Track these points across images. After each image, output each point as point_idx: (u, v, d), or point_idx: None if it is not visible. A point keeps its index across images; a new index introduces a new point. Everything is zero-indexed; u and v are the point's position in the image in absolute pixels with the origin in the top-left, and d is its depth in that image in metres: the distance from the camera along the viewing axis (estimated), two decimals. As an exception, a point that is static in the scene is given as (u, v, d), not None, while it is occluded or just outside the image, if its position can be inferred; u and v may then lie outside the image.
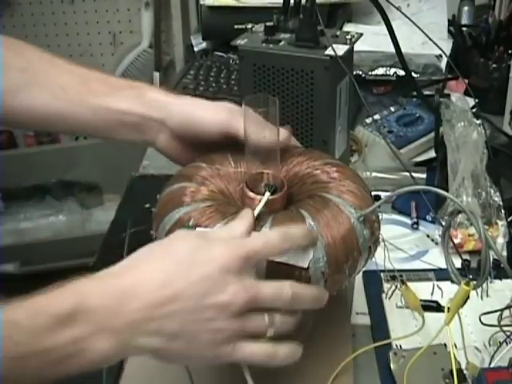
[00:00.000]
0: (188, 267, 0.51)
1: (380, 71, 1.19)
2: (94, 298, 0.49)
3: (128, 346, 0.50)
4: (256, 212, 0.58)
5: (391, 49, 0.91)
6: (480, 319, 0.68)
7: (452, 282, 0.72)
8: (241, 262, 0.52)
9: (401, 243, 0.83)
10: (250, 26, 0.84)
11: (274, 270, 0.56)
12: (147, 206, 0.76)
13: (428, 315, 0.68)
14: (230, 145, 0.68)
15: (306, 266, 0.56)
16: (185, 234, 0.55)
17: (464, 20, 1.39)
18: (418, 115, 1.08)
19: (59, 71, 0.71)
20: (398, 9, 0.90)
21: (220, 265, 0.51)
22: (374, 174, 0.96)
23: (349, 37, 0.80)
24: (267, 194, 0.61)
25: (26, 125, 0.76)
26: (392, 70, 1.18)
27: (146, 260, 0.52)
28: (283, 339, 0.56)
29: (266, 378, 0.64)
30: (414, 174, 0.80)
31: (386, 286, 0.74)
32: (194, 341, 0.51)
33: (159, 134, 0.71)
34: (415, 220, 0.89)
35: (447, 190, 0.83)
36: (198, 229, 0.58)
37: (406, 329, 0.69)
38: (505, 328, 0.67)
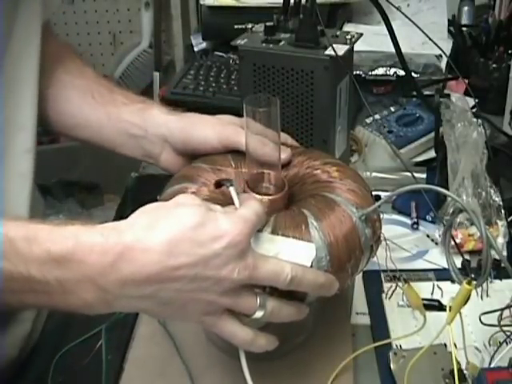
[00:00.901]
0: (194, 241, 0.50)
1: (380, 71, 1.19)
2: (91, 250, 0.50)
3: (114, 303, 0.51)
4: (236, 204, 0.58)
5: (391, 49, 0.91)
6: (480, 319, 0.68)
7: (452, 281, 0.73)
8: (246, 239, 0.52)
9: (401, 243, 0.83)
10: (250, 25, 0.84)
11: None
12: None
13: (428, 315, 0.68)
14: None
15: (308, 265, 0.56)
16: (192, 203, 0.53)
17: (464, 20, 1.39)
18: (417, 115, 1.08)
19: (97, 85, 0.79)
20: (398, 9, 0.90)
21: (226, 242, 0.51)
22: (374, 173, 0.96)
23: (349, 37, 0.80)
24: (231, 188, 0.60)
25: (58, 127, 0.82)
26: (392, 70, 1.18)
27: (151, 224, 0.51)
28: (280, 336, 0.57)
29: (265, 376, 0.64)
30: (414, 174, 0.80)
31: (386, 285, 0.74)
32: (183, 308, 0.53)
33: (162, 152, 0.74)
34: (415, 220, 0.89)
35: (447, 190, 0.83)
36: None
37: (406, 329, 0.69)
38: (505, 328, 0.67)
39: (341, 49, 0.76)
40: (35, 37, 0.71)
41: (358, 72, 1.17)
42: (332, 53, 0.75)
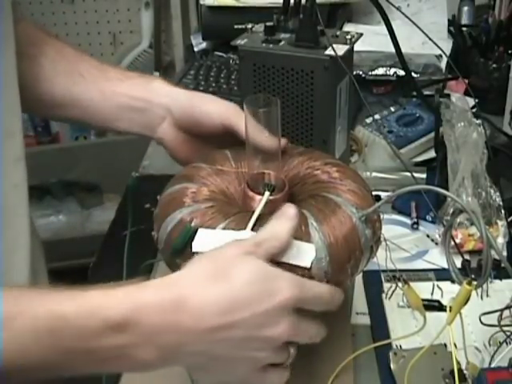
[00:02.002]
0: (252, 298, 0.50)
1: (380, 71, 1.19)
2: (148, 310, 0.49)
3: (170, 360, 0.51)
4: (257, 212, 0.58)
5: (391, 49, 0.91)
6: (480, 319, 0.68)
7: (452, 281, 0.73)
8: (299, 302, 0.52)
9: (401, 243, 0.83)
10: (250, 25, 0.84)
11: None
12: (147, 206, 0.77)
13: (428, 315, 0.68)
14: (228, 142, 0.69)
15: (308, 265, 0.56)
16: (248, 258, 0.52)
17: (464, 20, 1.39)
18: (417, 115, 1.09)
19: (80, 60, 0.75)
20: (398, 9, 0.90)
21: (281, 302, 0.51)
22: (374, 174, 0.96)
23: (349, 37, 0.80)
24: (267, 193, 0.61)
25: (47, 112, 0.78)
26: (392, 70, 1.18)
27: (208, 279, 0.51)
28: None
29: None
30: (414, 174, 0.80)
31: (386, 285, 0.74)
32: (232, 365, 0.52)
33: (162, 123, 0.72)
34: (415, 220, 0.89)
35: (447, 190, 0.83)
36: (199, 230, 0.58)
37: (406, 329, 0.69)
38: (505, 328, 0.67)
39: (341, 49, 0.76)
40: (10, 35, 0.68)
41: (357, 72, 1.17)
42: (332, 53, 0.75)
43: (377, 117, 1.08)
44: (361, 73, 1.18)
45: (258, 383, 0.55)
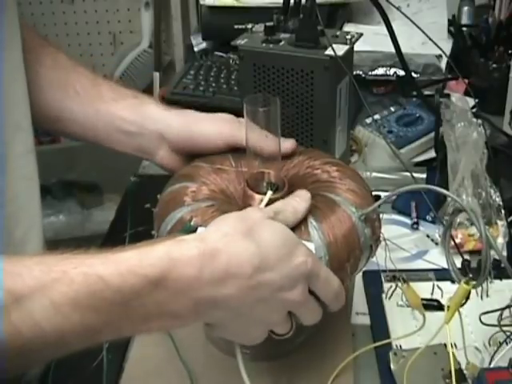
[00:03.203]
0: (279, 259, 0.52)
1: (380, 71, 1.19)
2: (185, 264, 0.49)
3: (202, 314, 0.52)
4: None
5: (391, 49, 0.91)
6: (480, 319, 0.68)
7: (452, 281, 0.73)
8: (313, 273, 0.54)
9: (401, 243, 0.83)
10: (250, 25, 0.84)
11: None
12: (147, 206, 0.76)
13: (428, 315, 0.68)
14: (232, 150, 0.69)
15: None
16: (272, 222, 0.55)
17: (464, 20, 1.39)
18: (418, 115, 1.09)
19: (74, 72, 0.75)
20: (398, 9, 0.90)
21: (300, 265, 0.53)
22: (374, 174, 0.96)
23: (349, 37, 0.80)
24: (269, 192, 0.61)
25: (42, 124, 0.77)
26: (392, 70, 1.18)
27: (238, 235, 0.52)
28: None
29: (265, 376, 0.64)
30: (414, 174, 0.80)
31: (386, 285, 0.74)
32: (250, 325, 0.54)
33: (159, 149, 0.72)
34: (415, 220, 0.89)
35: (447, 190, 0.83)
36: (199, 229, 0.58)
37: (406, 329, 0.69)
38: (505, 328, 0.67)
39: (341, 49, 0.76)
40: (17, 29, 0.68)
41: (358, 72, 1.17)
42: (332, 53, 0.75)
43: (377, 117, 1.08)
44: (361, 73, 1.18)
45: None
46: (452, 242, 0.78)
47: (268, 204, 0.60)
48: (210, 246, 0.50)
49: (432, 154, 1.01)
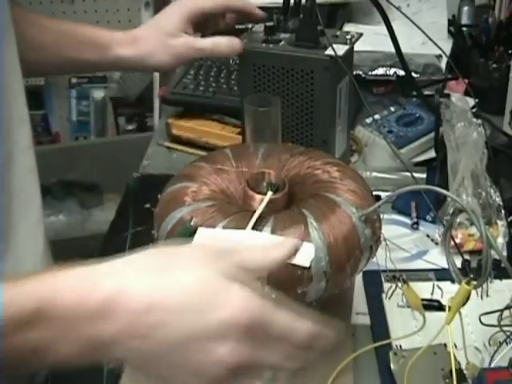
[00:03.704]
0: (189, 304, 0.44)
1: (380, 71, 1.19)
2: (64, 298, 0.43)
3: (98, 355, 0.45)
4: (258, 212, 0.58)
5: (391, 49, 0.91)
6: (480, 319, 0.68)
7: (452, 281, 0.73)
8: (252, 329, 0.44)
9: (401, 243, 0.83)
10: (250, 25, 0.84)
11: (276, 270, 0.56)
12: (147, 206, 0.77)
13: (428, 315, 0.68)
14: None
15: (307, 265, 0.56)
16: (201, 264, 0.46)
17: (464, 20, 1.39)
18: (418, 115, 1.08)
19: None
20: (398, 9, 0.90)
21: (225, 325, 0.43)
22: (374, 174, 0.96)
23: (349, 37, 0.80)
24: (269, 193, 0.61)
25: (33, 63, 0.80)
26: (392, 70, 1.18)
27: (151, 271, 0.45)
28: None
29: (265, 377, 0.64)
30: (414, 174, 0.80)
31: (386, 285, 0.74)
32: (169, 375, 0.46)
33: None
34: (415, 220, 0.89)
35: (447, 190, 0.83)
36: (199, 228, 0.58)
37: (406, 329, 0.69)
38: (505, 328, 0.67)
39: (341, 49, 0.76)
40: (10, 26, 0.69)
41: (358, 72, 1.17)
42: (332, 53, 0.75)
43: (377, 117, 1.08)
44: (361, 73, 1.18)
45: None
46: (452, 242, 0.78)
47: (268, 204, 0.60)
48: (94, 277, 0.44)
49: (432, 154, 1.01)
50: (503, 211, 0.84)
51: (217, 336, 0.43)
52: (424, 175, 0.95)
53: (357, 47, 0.81)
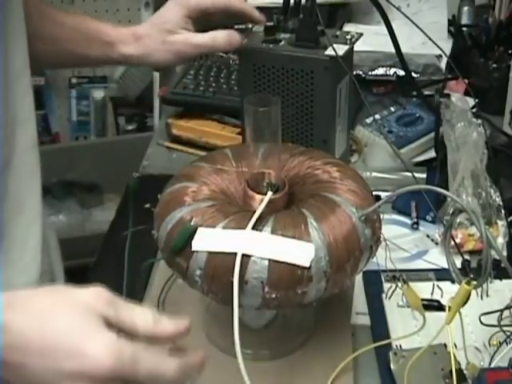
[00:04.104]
0: (44, 348, 0.44)
1: (380, 71, 1.19)
2: None
3: None
4: (258, 212, 0.58)
5: (391, 49, 0.91)
6: (480, 319, 0.68)
7: (452, 281, 0.73)
8: (114, 374, 0.44)
9: (401, 243, 0.83)
10: (250, 25, 0.84)
11: (276, 270, 0.56)
12: (147, 206, 0.77)
13: (428, 315, 0.68)
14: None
15: (307, 265, 0.56)
16: (81, 309, 0.46)
17: (464, 20, 1.39)
18: (418, 115, 1.08)
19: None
20: (398, 9, 0.90)
21: (83, 367, 0.44)
22: (374, 174, 0.96)
23: (349, 37, 0.80)
24: (269, 193, 0.61)
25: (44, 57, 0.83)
26: (392, 70, 1.18)
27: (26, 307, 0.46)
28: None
29: (265, 376, 0.64)
30: (414, 174, 0.80)
31: (386, 285, 0.74)
32: None
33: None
34: (415, 220, 0.89)
35: (447, 190, 0.83)
36: (199, 229, 0.58)
37: (406, 329, 0.69)
38: (505, 328, 0.67)
39: (341, 49, 0.76)
40: (22, 29, 0.70)
41: (357, 72, 1.17)
42: (332, 53, 0.75)
43: (377, 117, 1.08)
44: (361, 73, 1.18)
45: None
46: (452, 242, 0.78)
47: (268, 204, 0.60)
48: None
49: (432, 154, 1.01)
50: (503, 211, 0.84)
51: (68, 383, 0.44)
52: (424, 175, 0.95)
53: (357, 47, 0.81)
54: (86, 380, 0.44)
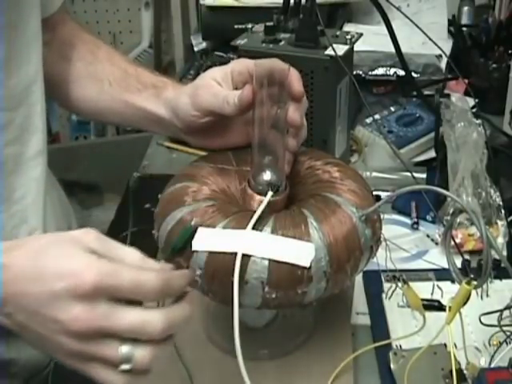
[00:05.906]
0: (41, 273, 0.48)
1: (380, 71, 1.19)
2: None
3: None
4: (258, 212, 0.58)
5: (391, 49, 0.91)
6: (480, 319, 0.68)
7: (452, 281, 0.73)
8: (104, 290, 0.47)
9: (401, 243, 0.83)
10: (250, 25, 0.84)
11: (276, 270, 0.56)
12: (147, 206, 0.77)
13: (428, 315, 0.68)
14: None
15: (308, 265, 0.56)
16: (61, 240, 0.51)
17: (464, 20, 1.39)
18: (418, 115, 1.09)
19: (112, 68, 0.81)
20: (398, 9, 0.90)
21: (71, 285, 0.47)
22: (374, 173, 0.96)
23: (349, 37, 0.80)
24: (270, 193, 0.61)
25: (84, 114, 0.85)
26: (392, 70, 1.18)
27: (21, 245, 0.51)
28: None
29: (265, 376, 0.64)
30: (414, 174, 0.80)
31: (386, 285, 0.74)
32: (42, 340, 0.50)
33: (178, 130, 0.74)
34: (415, 220, 0.89)
35: (447, 190, 0.83)
36: (199, 228, 0.58)
37: (406, 329, 0.69)
38: (505, 328, 0.67)
39: (341, 49, 0.76)
40: (39, 30, 0.72)
41: (358, 72, 1.17)
42: (332, 53, 0.75)
43: (377, 117, 1.08)
44: (361, 73, 1.18)
45: (83, 372, 0.50)
46: (452, 242, 0.78)
47: (268, 204, 0.60)
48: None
49: (432, 154, 1.01)
50: (503, 211, 0.84)
51: (64, 300, 0.47)
52: (424, 175, 0.95)
53: (357, 47, 0.81)
54: (75, 298, 0.47)
